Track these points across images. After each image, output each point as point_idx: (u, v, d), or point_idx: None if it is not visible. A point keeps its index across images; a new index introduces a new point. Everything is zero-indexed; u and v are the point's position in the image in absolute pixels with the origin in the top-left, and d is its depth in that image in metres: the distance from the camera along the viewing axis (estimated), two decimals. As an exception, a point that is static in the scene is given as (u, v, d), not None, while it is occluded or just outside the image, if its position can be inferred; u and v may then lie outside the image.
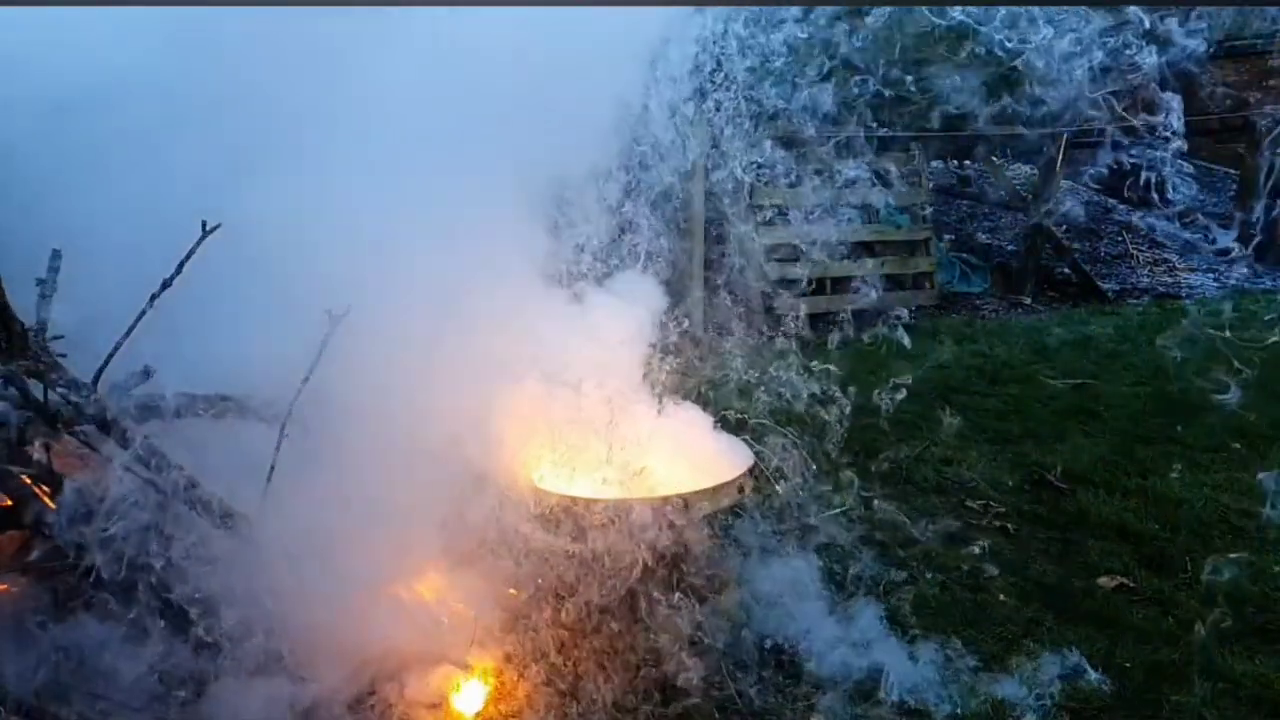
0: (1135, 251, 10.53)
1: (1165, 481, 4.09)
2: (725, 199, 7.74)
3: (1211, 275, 9.97)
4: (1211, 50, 13.34)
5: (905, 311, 8.24)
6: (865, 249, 8.55)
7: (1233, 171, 11.55)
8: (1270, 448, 4.48)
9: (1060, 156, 9.01)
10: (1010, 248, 9.98)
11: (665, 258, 3.13)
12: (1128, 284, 9.65)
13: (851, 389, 5.41)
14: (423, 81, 2.48)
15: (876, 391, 5.25)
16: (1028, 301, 8.85)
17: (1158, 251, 10.68)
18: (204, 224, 2.17)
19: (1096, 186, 11.79)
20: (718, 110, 3.40)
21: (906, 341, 4.12)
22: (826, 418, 4.66)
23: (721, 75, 3.27)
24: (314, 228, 2.33)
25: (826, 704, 2.54)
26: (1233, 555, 3.41)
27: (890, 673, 2.66)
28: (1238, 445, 4.58)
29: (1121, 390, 5.62)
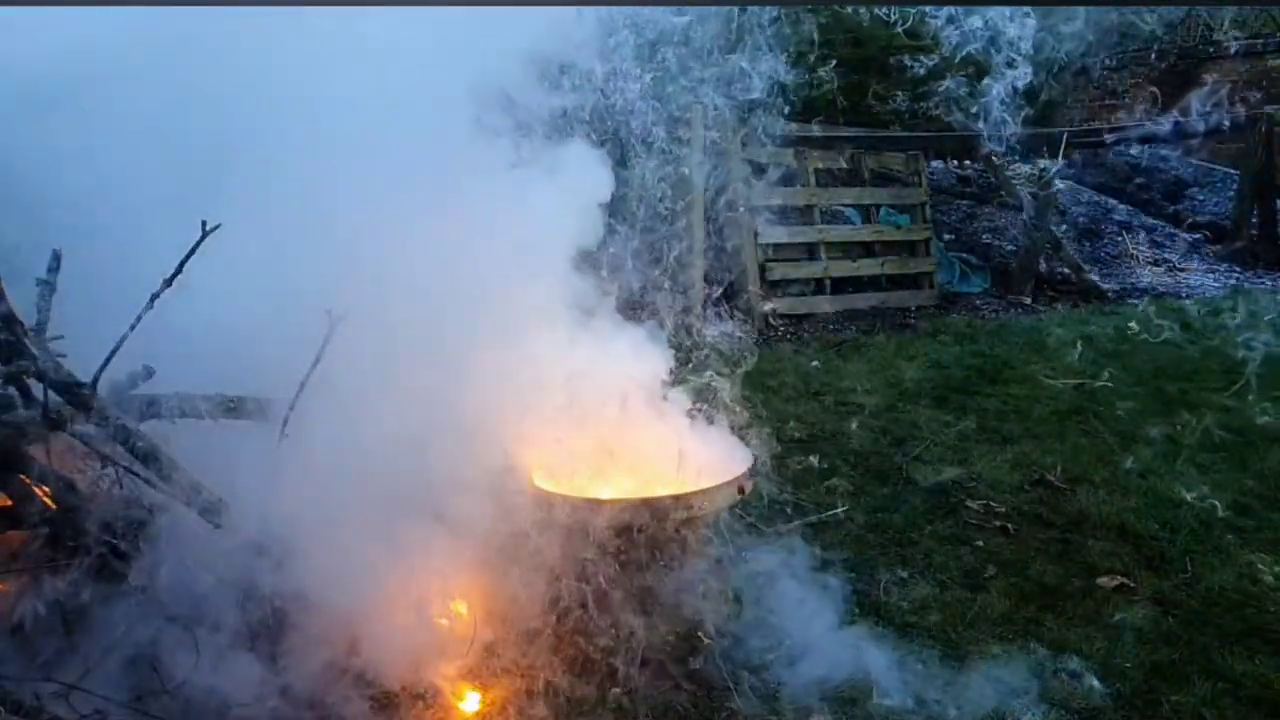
0: (1135, 251, 10.53)
1: (1165, 481, 4.09)
2: (725, 199, 7.75)
3: (1211, 275, 9.97)
4: (1211, 50, 13.36)
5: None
6: (865, 249, 8.55)
7: (1233, 171, 11.55)
8: (1270, 447, 4.48)
9: (1060, 156, 9.01)
10: (1010, 248, 9.98)
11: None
12: (1127, 284, 9.65)
13: (851, 388, 5.41)
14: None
15: (877, 391, 5.26)
16: (1028, 301, 8.84)
17: (1158, 251, 10.68)
18: (204, 224, 2.16)
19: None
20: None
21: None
22: (828, 418, 4.67)
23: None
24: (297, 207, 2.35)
25: (825, 705, 2.54)
26: (1232, 555, 3.42)
27: (890, 673, 2.66)
28: (1238, 445, 4.58)
29: (1121, 390, 5.62)
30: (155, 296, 2.18)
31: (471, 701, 2.45)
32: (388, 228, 2.42)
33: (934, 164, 11.30)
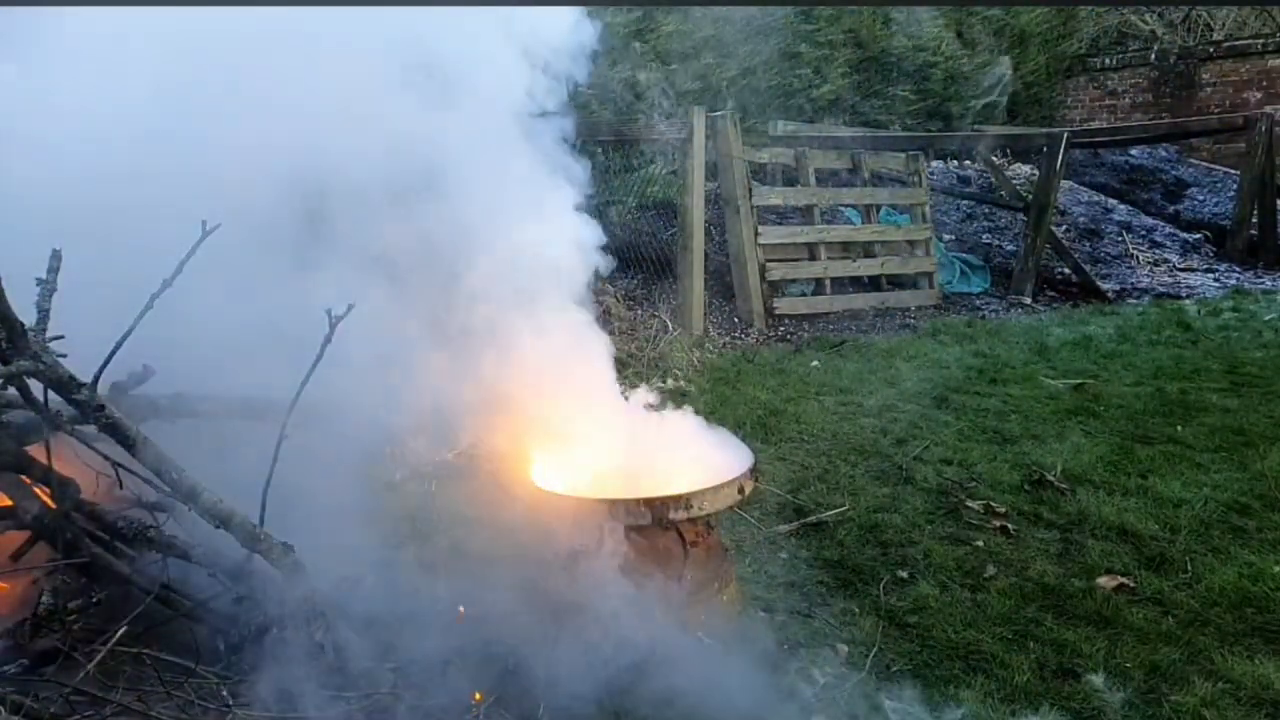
0: (1135, 251, 10.53)
1: (1165, 481, 4.09)
2: (726, 198, 7.75)
3: (1211, 275, 9.97)
4: (1211, 50, 13.36)
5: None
6: (865, 249, 8.56)
7: (1233, 172, 11.55)
8: (1270, 447, 4.48)
9: (1061, 156, 9.01)
10: (1010, 248, 9.98)
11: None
12: (1128, 284, 9.66)
13: (851, 388, 5.41)
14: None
15: (877, 390, 5.25)
16: (1028, 301, 8.85)
17: (1158, 251, 10.68)
18: (204, 224, 2.16)
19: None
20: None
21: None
22: (828, 418, 4.67)
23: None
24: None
25: (826, 706, 2.54)
26: (1232, 555, 3.41)
27: (890, 674, 2.66)
28: (1238, 445, 4.58)
29: (1121, 390, 5.62)
30: (155, 296, 2.18)
31: (471, 700, 2.44)
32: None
33: (934, 164, 11.31)
